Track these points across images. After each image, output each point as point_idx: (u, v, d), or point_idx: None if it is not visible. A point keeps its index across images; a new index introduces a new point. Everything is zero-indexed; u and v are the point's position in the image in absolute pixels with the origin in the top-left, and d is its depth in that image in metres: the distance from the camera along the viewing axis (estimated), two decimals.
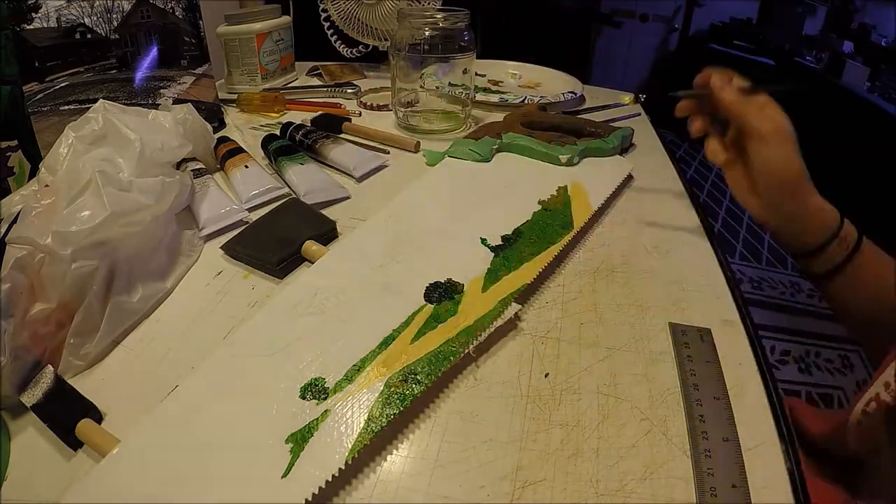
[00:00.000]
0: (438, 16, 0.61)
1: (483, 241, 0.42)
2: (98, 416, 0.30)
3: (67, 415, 0.30)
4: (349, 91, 0.83)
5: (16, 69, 0.53)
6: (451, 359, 0.32)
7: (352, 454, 0.27)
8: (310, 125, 0.65)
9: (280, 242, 0.43)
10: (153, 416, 0.29)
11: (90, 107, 0.43)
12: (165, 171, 0.43)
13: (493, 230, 0.43)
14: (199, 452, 0.27)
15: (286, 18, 0.86)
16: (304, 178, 0.53)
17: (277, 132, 0.64)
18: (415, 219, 0.46)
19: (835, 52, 2.42)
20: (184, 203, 0.46)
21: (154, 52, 0.66)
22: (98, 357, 0.35)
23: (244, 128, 0.71)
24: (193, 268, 0.43)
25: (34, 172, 0.53)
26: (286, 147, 0.58)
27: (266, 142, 0.61)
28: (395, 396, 0.29)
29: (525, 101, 0.76)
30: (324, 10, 0.86)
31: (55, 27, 0.57)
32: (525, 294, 0.38)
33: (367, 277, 0.39)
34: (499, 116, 0.70)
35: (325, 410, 0.29)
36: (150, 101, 0.65)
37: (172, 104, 0.58)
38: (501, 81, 0.90)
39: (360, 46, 0.89)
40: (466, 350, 0.33)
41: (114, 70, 0.62)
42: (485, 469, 0.28)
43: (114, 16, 0.61)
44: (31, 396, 0.31)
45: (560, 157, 0.55)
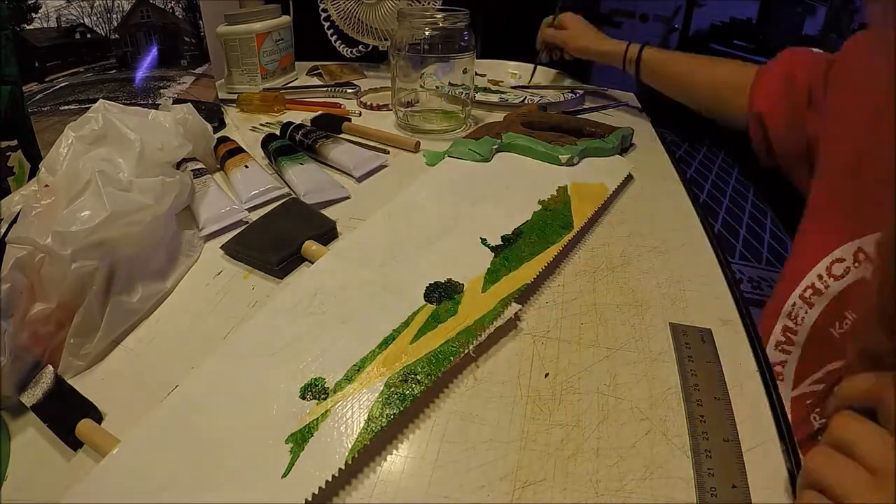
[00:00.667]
0: (438, 16, 0.61)
1: (483, 241, 0.42)
2: (98, 416, 0.30)
3: (67, 415, 0.30)
4: (349, 91, 0.83)
5: (16, 69, 0.53)
6: (451, 359, 0.32)
7: (352, 454, 0.27)
8: (310, 125, 0.65)
9: (280, 242, 0.43)
10: (153, 416, 0.28)
11: (90, 107, 0.43)
12: (165, 171, 0.43)
13: (493, 230, 0.43)
14: (199, 452, 0.27)
15: (286, 18, 0.86)
16: (304, 178, 0.53)
17: (277, 132, 0.64)
18: (415, 219, 0.46)
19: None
20: (184, 203, 0.46)
21: (154, 52, 0.66)
22: (98, 357, 0.35)
23: (244, 128, 0.71)
24: (193, 268, 0.43)
25: (34, 172, 0.53)
26: (286, 147, 0.58)
27: (266, 142, 0.61)
28: (395, 396, 0.29)
29: (525, 102, 0.76)
30: (324, 10, 0.86)
31: (55, 27, 0.57)
32: (525, 294, 0.38)
33: (367, 277, 0.39)
34: (499, 116, 0.70)
35: (325, 410, 0.29)
36: (150, 101, 0.65)
37: (172, 104, 0.58)
38: (501, 81, 0.90)
39: (360, 46, 0.89)
40: (466, 350, 0.33)
41: (114, 70, 0.62)
42: (485, 469, 0.28)
43: (114, 16, 0.61)
44: (31, 396, 0.31)
45: (560, 157, 0.55)
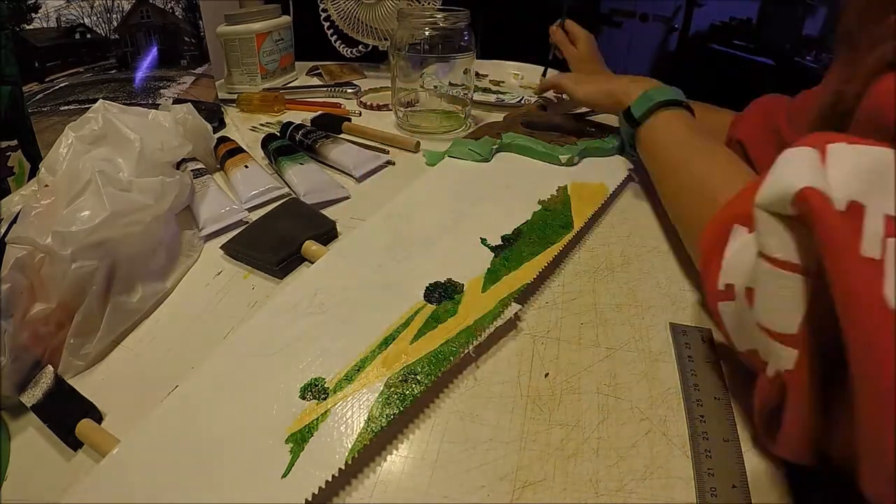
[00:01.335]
0: (438, 16, 0.61)
1: (483, 241, 0.42)
2: (98, 416, 0.30)
3: (67, 415, 0.30)
4: (349, 91, 0.83)
5: (16, 69, 0.53)
6: (451, 359, 0.32)
7: (352, 454, 0.27)
8: (310, 125, 0.65)
9: (280, 242, 0.43)
10: (153, 416, 0.29)
11: (90, 107, 0.43)
12: (165, 171, 0.43)
13: (493, 230, 0.43)
14: (200, 452, 0.27)
15: (286, 18, 0.86)
16: (304, 178, 0.53)
17: (277, 132, 0.64)
18: (415, 219, 0.46)
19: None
20: (184, 203, 0.46)
21: (154, 52, 0.66)
22: (98, 357, 0.35)
23: (244, 128, 0.71)
24: (193, 268, 0.43)
25: (34, 172, 0.53)
26: (286, 147, 0.58)
27: (266, 142, 0.61)
28: (395, 396, 0.29)
29: (522, 101, 0.76)
30: (324, 10, 0.86)
31: (55, 27, 0.57)
32: (525, 294, 0.38)
33: (367, 277, 0.39)
34: (499, 116, 0.70)
35: (325, 410, 0.29)
36: (150, 101, 0.65)
37: (172, 104, 0.58)
38: (503, 81, 0.90)
39: (360, 46, 0.89)
40: (466, 350, 0.33)
41: (114, 70, 0.62)
42: (485, 469, 0.28)
43: (114, 16, 0.61)
44: (31, 396, 0.31)
45: (560, 157, 0.55)
